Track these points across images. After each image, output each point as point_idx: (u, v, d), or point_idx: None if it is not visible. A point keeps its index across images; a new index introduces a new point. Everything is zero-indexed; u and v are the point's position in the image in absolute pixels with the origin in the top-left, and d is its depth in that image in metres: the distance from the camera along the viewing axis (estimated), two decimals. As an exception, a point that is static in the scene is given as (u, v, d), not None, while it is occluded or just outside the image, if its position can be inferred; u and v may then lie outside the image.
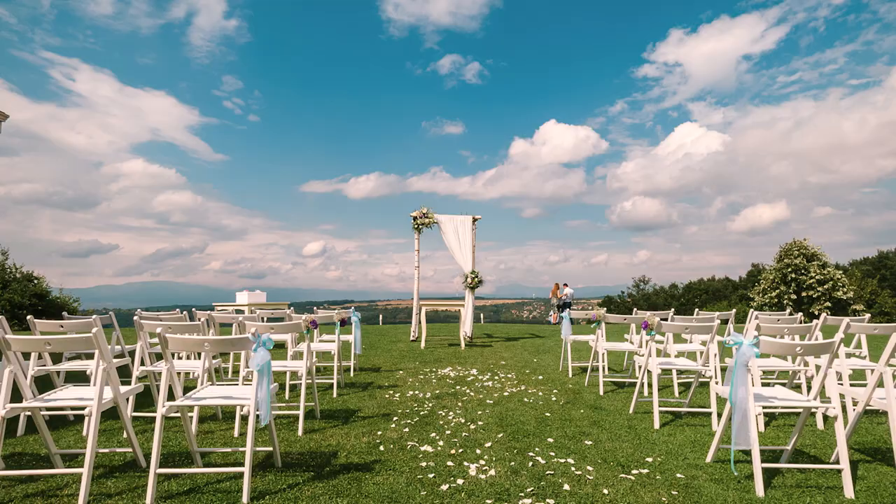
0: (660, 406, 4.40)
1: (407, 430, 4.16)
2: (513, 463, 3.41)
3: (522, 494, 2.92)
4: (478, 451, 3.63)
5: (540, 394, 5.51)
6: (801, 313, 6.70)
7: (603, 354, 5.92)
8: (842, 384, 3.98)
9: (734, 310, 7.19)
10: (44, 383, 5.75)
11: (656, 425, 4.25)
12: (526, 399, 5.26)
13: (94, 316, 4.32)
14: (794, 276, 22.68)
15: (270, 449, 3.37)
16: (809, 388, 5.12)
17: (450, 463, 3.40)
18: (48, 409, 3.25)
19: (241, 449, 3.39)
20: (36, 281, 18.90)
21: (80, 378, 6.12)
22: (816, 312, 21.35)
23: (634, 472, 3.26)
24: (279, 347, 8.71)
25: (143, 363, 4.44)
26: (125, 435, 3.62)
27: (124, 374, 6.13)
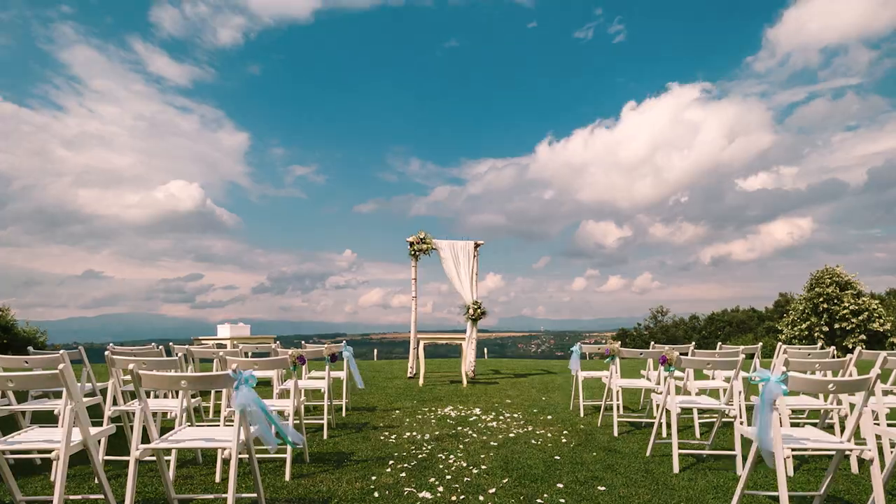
0: (679, 448, 4.36)
1: (404, 474, 4.12)
2: (519, 512, 3.37)
3: (530, 547, 2.89)
4: (481, 498, 3.60)
5: (549, 435, 5.47)
6: (833, 347, 6.68)
7: (617, 392, 5.89)
8: (878, 424, 3.95)
9: (760, 343, 7.18)
10: (8, 424, 5.69)
11: (675, 469, 4.22)
12: (533, 441, 5.22)
13: (61, 351, 4.31)
14: (825, 306, 22.58)
15: (255, 495, 3.34)
16: (843, 428, 5.07)
17: (450, 512, 3.36)
18: (12, 452, 3.23)
19: (222, 495, 3.36)
20: (0, 313, 18.82)
21: (47, 418, 6.07)
22: (850, 346, 21.19)
23: (653, 521, 3.23)
24: (264, 385, 8.65)
25: (115, 402, 4.43)
26: (97, 480, 3.59)
27: (95, 414, 6.08)
